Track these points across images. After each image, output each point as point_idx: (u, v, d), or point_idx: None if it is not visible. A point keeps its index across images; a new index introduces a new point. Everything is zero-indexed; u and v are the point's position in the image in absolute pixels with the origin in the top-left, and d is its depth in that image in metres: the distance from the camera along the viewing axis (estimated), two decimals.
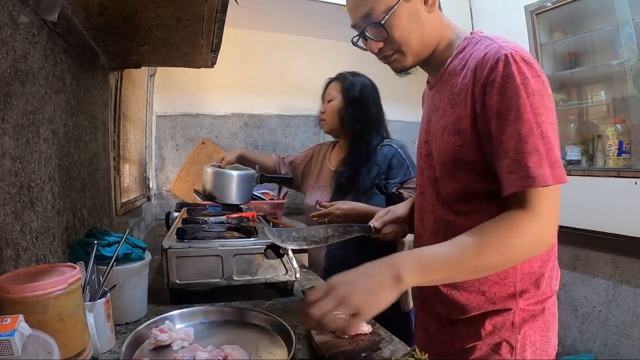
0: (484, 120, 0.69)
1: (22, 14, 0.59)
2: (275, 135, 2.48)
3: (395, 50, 0.77)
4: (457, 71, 0.75)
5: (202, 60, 1.17)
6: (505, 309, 0.75)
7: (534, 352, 0.75)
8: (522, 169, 0.64)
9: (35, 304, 0.47)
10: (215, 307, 0.80)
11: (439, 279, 0.65)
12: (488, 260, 0.65)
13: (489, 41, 0.72)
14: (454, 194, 0.77)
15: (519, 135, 0.65)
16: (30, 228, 0.63)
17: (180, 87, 2.26)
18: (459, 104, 0.73)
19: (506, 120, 0.66)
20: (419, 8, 0.75)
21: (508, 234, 0.64)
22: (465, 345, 0.77)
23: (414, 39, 0.76)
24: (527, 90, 0.65)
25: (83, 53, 0.93)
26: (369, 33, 0.77)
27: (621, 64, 1.70)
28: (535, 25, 1.99)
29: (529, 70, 0.66)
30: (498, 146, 0.67)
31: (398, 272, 0.60)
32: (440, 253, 0.65)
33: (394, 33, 0.74)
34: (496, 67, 0.67)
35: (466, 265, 0.64)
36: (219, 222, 1.14)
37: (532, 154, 0.64)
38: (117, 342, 0.69)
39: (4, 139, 0.56)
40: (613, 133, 1.77)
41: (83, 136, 0.94)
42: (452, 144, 0.74)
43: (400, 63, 0.79)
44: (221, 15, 0.82)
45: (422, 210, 0.87)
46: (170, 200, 2.25)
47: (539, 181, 0.63)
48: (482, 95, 0.68)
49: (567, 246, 1.93)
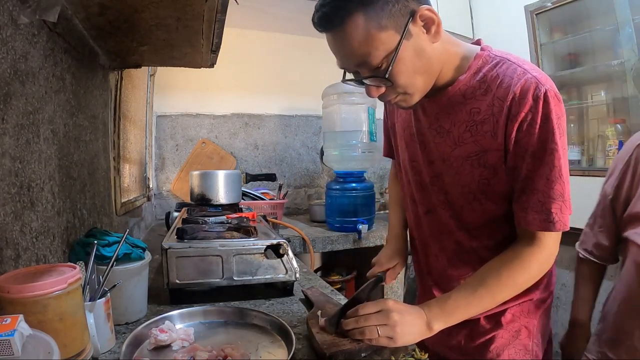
0: (514, 156, 0.69)
1: (22, 14, 0.59)
2: (275, 135, 2.48)
3: (399, 93, 0.70)
4: (478, 96, 0.70)
5: (202, 60, 1.17)
6: (524, 299, 0.81)
7: (543, 336, 0.85)
8: (546, 212, 0.68)
9: (35, 304, 0.47)
10: (215, 307, 0.80)
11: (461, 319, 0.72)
12: (502, 298, 0.72)
13: (514, 65, 0.68)
14: (480, 222, 0.79)
15: (547, 180, 0.67)
16: (30, 228, 0.63)
17: (180, 87, 2.26)
18: (483, 134, 0.70)
19: (540, 160, 0.67)
20: (422, 42, 0.65)
21: (519, 273, 0.71)
22: (483, 338, 0.83)
23: (420, 78, 0.68)
24: (559, 131, 0.67)
25: (83, 53, 0.93)
26: (368, 81, 0.68)
27: (621, 64, 1.70)
28: (535, 25, 1.99)
29: (560, 108, 0.67)
30: (527, 183, 0.70)
31: (429, 322, 0.68)
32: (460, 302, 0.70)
33: (400, 79, 0.66)
34: (536, 105, 0.65)
35: (483, 305, 0.72)
36: (219, 222, 1.14)
37: (556, 201, 0.68)
38: (117, 342, 0.69)
39: (4, 139, 0.56)
40: (613, 133, 1.77)
41: (83, 136, 0.94)
42: (477, 176, 0.74)
43: (407, 103, 0.72)
44: (221, 15, 0.82)
45: (432, 229, 0.87)
46: (170, 200, 2.24)
47: (558, 227, 0.69)
48: (517, 132, 0.67)
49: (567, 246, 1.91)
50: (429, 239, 0.89)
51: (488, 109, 0.69)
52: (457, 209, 0.80)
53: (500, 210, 0.75)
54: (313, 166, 2.58)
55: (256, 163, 2.43)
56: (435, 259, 0.89)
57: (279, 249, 0.89)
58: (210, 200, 1.45)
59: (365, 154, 2.11)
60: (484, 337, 0.83)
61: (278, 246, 0.89)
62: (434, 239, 0.88)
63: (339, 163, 2.10)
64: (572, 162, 1.93)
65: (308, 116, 2.55)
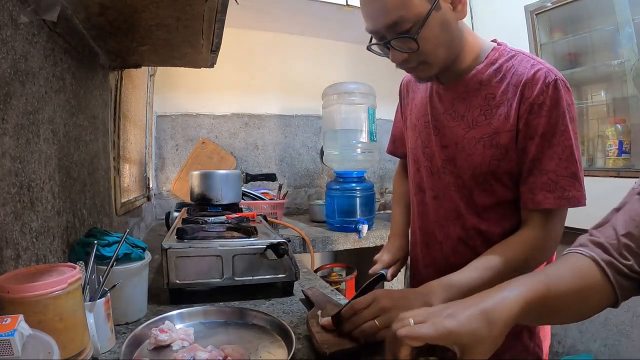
0: (524, 137, 0.73)
1: (22, 14, 0.59)
2: (275, 135, 2.48)
3: (420, 61, 0.73)
4: (494, 83, 0.75)
5: (202, 60, 1.17)
6: None
7: (544, 336, 0.85)
8: (559, 189, 0.70)
9: (35, 304, 0.47)
10: (215, 307, 0.80)
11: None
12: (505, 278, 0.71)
13: (530, 59, 0.74)
14: (488, 202, 0.80)
15: (560, 159, 0.70)
16: (30, 228, 0.63)
17: (180, 87, 2.26)
18: (497, 117, 0.74)
19: (549, 142, 0.70)
20: (448, 16, 0.70)
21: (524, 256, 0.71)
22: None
23: (442, 50, 0.72)
24: (570, 117, 0.71)
25: (83, 53, 0.93)
26: (395, 44, 0.71)
27: (621, 64, 1.70)
28: (535, 25, 1.99)
29: (571, 97, 0.72)
30: (534, 165, 0.72)
31: (429, 301, 0.65)
32: (466, 282, 0.69)
33: (425, 45, 0.69)
34: (547, 89, 0.70)
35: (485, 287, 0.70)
36: (219, 222, 1.14)
37: (569, 178, 0.70)
38: (117, 342, 0.69)
39: (4, 139, 0.56)
40: (613, 133, 1.77)
41: (83, 136, 0.94)
42: (488, 157, 0.76)
43: (425, 73, 0.76)
44: (221, 15, 0.82)
45: (439, 215, 0.87)
46: (170, 200, 2.25)
47: (573, 202, 0.70)
48: (528, 114, 0.71)
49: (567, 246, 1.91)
50: (434, 227, 0.89)
51: (503, 95, 0.74)
52: (467, 192, 0.81)
53: (509, 194, 0.77)
54: (313, 166, 2.58)
55: (256, 163, 2.43)
56: (438, 248, 0.89)
57: (279, 249, 0.89)
58: (210, 200, 1.44)
59: (365, 154, 2.11)
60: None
61: (278, 246, 0.89)
62: (439, 226, 0.88)
63: (339, 163, 2.10)
64: None
65: (308, 116, 2.55)
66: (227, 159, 2.33)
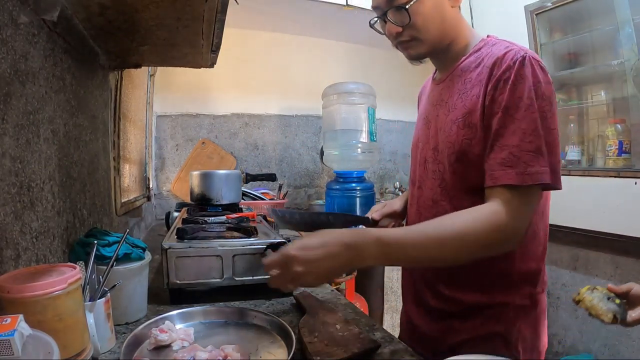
0: (489, 113, 0.71)
1: (22, 14, 0.59)
2: (275, 135, 2.48)
3: (412, 37, 0.77)
4: (472, 68, 0.77)
5: (202, 60, 1.17)
6: (501, 304, 0.76)
7: (525, 347, 0.77)
8: (522, 165, 0.65)
9: (35, 304, 0.47)
10: (215, 307, 0.80)
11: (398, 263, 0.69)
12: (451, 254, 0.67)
13: (509, 44, 0.74)
14: (461, 188, 0.78)
15: (523, 134, 0.66)
16: (30, 228, 0.63)
17: (180, 87, 2.26)
18: (471, 98, 0.74)
19: (511, 117, 0.67)
20: (444, 1, 0.76)
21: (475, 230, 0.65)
22: (458, 339, 0.79)
23: (434, 28, 0.77)
24: (537, 94, 0.67)
25: (83, 53, 0.93)
26: (391, 16, 0.77)
27: (621, 64, 1.70)
28: (535, 25, 1.99)
29: (543, 76, 0.69)
30: (496, 139, 0.69)
31: (360, 256, 0.62)
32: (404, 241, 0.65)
33: (417, 19, 0.75)
34: (513, 65, 0.69)
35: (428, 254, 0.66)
36: (219, 222, 1.14)
37: (533, 153, 0.66)
38: (117, 342, 0.69)
39: (4, 139, 0.56)
40: (613, 133, 1.77)
41: (83, 136, 0.94)
42: (461, 136, 0.75)
43: (416, 50, 0.80)
44: (221, 15, 0.82)
45: (419, 204, 0.88)
46: (170, 200, 2.24)
47: (536, 178, 0.65)
48: (494, 90, 0.70)
49: (567, 246, 1.93)
50: (415, 216, 0.89)
51: (477, 77, 0.75)
52: (444, 177, 0.80)
53: (481, 180, 0.73)
54: (313, 166, 2.58)
55: (256, 163, 2.43)
56: None
57: (279, 249, 0.89)
58: (210, 200, 1.45)
59: (365, 154, 2.11)
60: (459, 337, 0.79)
61: (278, 246, 0.89)
62: (418, 215, 0.87)
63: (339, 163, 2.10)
64: (572, 162, 1.93)
65: (308, 116, 2.55)
66: (227, 159, 2.33)
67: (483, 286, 0.77)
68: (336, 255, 0.62)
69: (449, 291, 0.80)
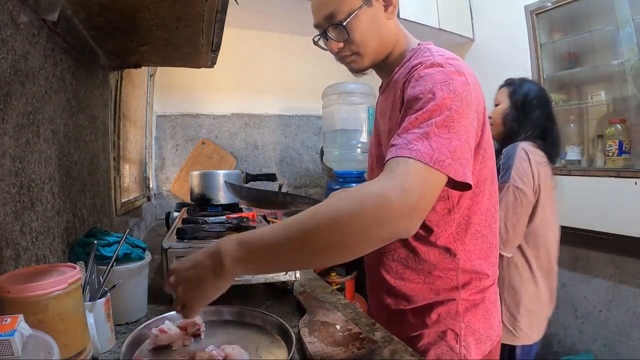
0: (401, 115, 0.70)
1: (22, 14, 0.59)
2: (275, 135, 2.48)
3: (353, 51, 0.80)
4: (400, 79, 0.78)
5: (202, 60, 1.17)
6: (449, 299, 0.80)
7: (478, 339, 0.80)
8: (406, 144, 0.61)
9: (36, 304, 0.47)
10: (215, 307, 0.80)
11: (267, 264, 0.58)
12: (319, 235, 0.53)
13: (428, 52, 0.75)
14: None
15: (416, 120, 0.63)
16: (30, 228, 0.63)
17: (180, 87, 2.26)
18: (399, 108, 0.75)
19: (411, 108, 0.66)
20: (379, 14, 0.78)
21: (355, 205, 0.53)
22: (412, 333, 0.82)
23: (372, 42, 0.79)
24: (445, 89, 0.64)
25: (83, 53, 0.93)
26: (331, 33, 0.79)
27: (621, 64, 1.70)
28: (535, 25, 1.99)
29: (457, 76, 0.66)
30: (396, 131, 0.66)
31: (220, 262, 0.55)
32: (264, 235, 0.56)
33: (354, 35, 0.77)
34: (420, 66, 0.71)
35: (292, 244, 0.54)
36: (219, 222, 1.13)
37: (420, 136, 0.61)
38: (117, 342, 0.69)
39: (4, 139, 0.56)
40: (613, 133, 1.77)
41: (83, 136, 0.94)
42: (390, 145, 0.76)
43: (357, 64, 0.82)
44: (221, 15, 0.82)
45: None
46: (170, 200, 2.24)
47: (417, 155, 0.58)
48: (403, 95, 0.72)
49: (567, 246, 1.92)
50: None
51: (403, 86, 0.76)
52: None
53: None
54: (313, 166, 2.58)
55: (256, 163, 2.43)
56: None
57: None
58: (210, 200, 1.45)
59: (365, 154, 2.11)
60: (414, 332, 0.83)
61: None
62: None
63: (339, 163, 2.10)
64: (572, 162, 1.93)
65: (308, 116, 2.55)
66: (227, 159, 2.33)
67: (430, 284, 0.80)
68: (201, 266, 0.57)
69: (399, 288, 0.83)
